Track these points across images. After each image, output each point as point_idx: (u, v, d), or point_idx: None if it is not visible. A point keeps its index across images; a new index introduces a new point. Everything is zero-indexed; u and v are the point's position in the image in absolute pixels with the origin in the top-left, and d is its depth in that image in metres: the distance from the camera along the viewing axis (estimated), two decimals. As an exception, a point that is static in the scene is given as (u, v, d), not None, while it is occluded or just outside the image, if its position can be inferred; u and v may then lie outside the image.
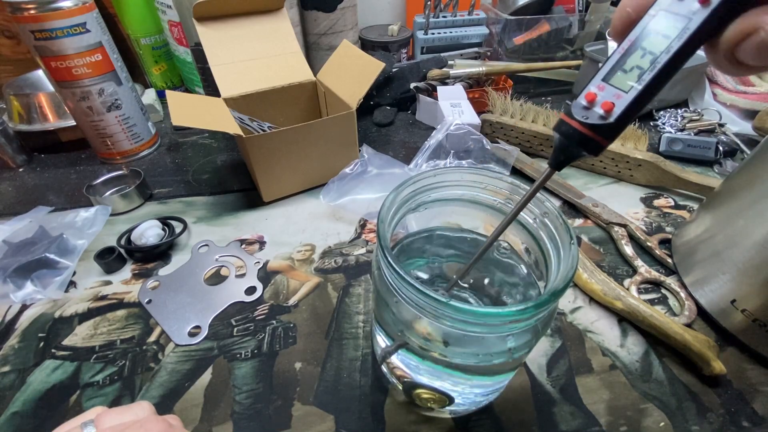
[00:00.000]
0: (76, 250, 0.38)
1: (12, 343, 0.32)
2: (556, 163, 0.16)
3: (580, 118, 0.15)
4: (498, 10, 0.72)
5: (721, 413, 0.27)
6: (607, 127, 0.14)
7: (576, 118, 0.15)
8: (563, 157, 0.16)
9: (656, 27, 0.13)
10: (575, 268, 0.18)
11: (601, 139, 0.15)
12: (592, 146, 0.15)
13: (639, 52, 0.14)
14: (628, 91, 0.14)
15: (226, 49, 0.46)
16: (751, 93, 0.56)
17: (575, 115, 0.15)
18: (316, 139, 0.43)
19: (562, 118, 0.16)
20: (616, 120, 0.14)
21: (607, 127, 0.14)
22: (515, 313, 0.16)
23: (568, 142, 0.15)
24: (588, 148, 0.15)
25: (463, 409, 0.26)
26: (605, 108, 0.14)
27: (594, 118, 0.14)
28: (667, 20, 0.13)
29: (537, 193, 0.18)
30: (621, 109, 0.14)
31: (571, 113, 0.15)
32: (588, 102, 0.15)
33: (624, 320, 0.33)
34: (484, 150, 0.46)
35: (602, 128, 0.14)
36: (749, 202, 0.30)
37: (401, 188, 0.21)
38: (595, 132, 0.15)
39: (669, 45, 0.13)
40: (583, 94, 0.15)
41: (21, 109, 0.53)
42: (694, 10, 0.12)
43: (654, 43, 0.13)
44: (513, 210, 0.18)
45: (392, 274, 0.18)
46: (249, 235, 0.41)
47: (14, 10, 0.41)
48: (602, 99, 0.14)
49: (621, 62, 0.14)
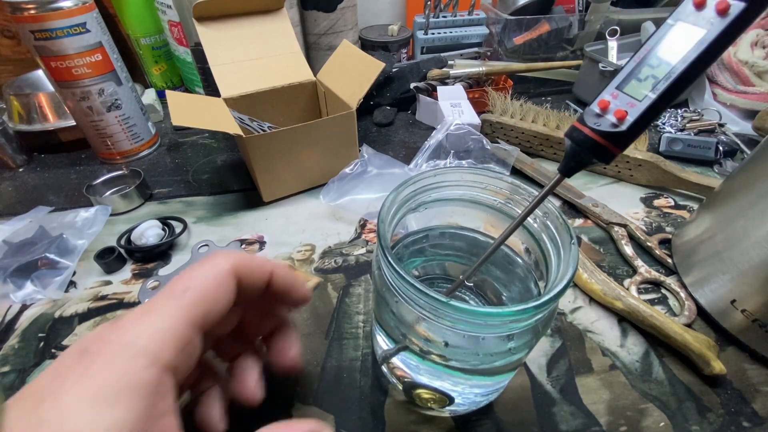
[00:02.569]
0: (76, 250, 0.38)
1: (12, 343, 0.32)
2: (567, 169, 0.16)
3: (592, 125, 0.15)
4: (498, 10, 0.72)
5: (721, 413, 0.27)
6: (619, 135, 0.14)
7: (588, 125, 0.15)
8: (574, 164, 0.16)
9: (673, 36, 0.13)
10: (575, 269, 0.18)
11: (613, 147, 0.15)
12: (603, 154, 0.15)
13: (655, 61, 0.14)
14: (642, 99, 0.14)
15: (226, 49, 0.46)
16: (751, 93, 0.56)
17: (587, 122, 0.15)
18: (316, 139, 0.43)
19: (574, 125, 0.16)
20: (628, 128, 0.14)
21: (619, 135, 0.14)
22: (515, 313, 0.16)
23: (580, 149, 0.15)
24: (599, 155, 0.15)
25: (463, 409, 0.26)
26: (618, 116, 0.14)
27: (606, 125, 0.15)
28: (685, 30, 0.13)
29: (546, 198, 0.18)
30: (634, 118, 0.14)
31: (584, 120, 0.15)
32: (601, 109, 0.15)
33: (624, 320, 0.33)
34: (484, 150, 0.46)
35: (614, 136, 0.14)
36: (749, 202, 0.30)
37: (401, 188, 0.21)
38: (607, 139, 0.15)
39: (686, 55, 0.13)
40: (597, 102, 0.15)
41: (21, 109, 0.53)
42: (713, 20, 0.12)
43: (670, 52, 0.13)
44: (521, 215, 0.18)
45: (392, 274, 0.18)
46: (249, 235, 0.41)
47: (14, 10, 0.41)
48: (615, 107, 0.14)
49: (636, 71, 0.14)
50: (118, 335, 0.15)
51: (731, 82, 0.59)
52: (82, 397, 0.13)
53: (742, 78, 0.58)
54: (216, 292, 0.17)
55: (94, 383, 0.14)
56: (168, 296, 0.17)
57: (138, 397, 0.14)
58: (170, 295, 0.17)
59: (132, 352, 0.15)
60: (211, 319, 0.17)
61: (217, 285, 0.18)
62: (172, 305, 0.16)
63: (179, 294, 0.17)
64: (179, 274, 0.18)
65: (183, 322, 0.16)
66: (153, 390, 0.15)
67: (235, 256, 0.19)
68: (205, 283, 0.17)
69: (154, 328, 0.16)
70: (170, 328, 0.16)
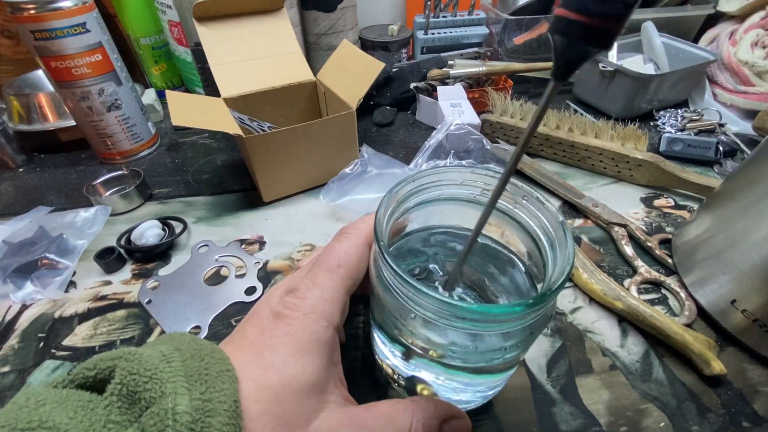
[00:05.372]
0: (76, 250, 0.38)
1: (12, 344, 0.32)
2: (561, 71, 0.14)
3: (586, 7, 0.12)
4: (498, 10, 0.72)
5: (721, 413, 0.27)
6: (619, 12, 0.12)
7: (577, 9, 0.12)
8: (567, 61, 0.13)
9: None
10: (572, 264, 0.18)
11: (613, 25, 0.12)
12: (600, 36, 0.12)
13: None
14: None
15: (226, 49, 0.46)
16: (751, 93, 0.56)
17: (580, 6, 0.12)
18: (316, 139, 0.43)
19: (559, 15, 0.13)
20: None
21: (619, 6, 0.12)
22: (512, 310, 0.16)
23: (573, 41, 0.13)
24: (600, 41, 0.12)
25: (463, 408, 0.26)
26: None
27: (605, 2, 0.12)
28: None
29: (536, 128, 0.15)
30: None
31: (573, 4, 0.12)
32: None
33: (624, 320, 0.33)
34: (484, 150, 0.46)
35: (614, 14, 0.12)
36: (749, 202, 0.30)
37: (399, 187, 0.21)
38: (605, 19, 0.12)
39: None
40: None
41: (21, 109, 0.53)
42: None
43: None
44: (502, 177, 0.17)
45: (389, 273, 0.18)
46: (249, 235, 0.41)
47: (14, 10, 0.41)
48: None
49: None
50: (300, 303, 0.19)
51: (731, 82, 0.59)
52: (290, 349, 0.18)
53: (742, 78, 0.58)
54: (359, 264, 0.22)
55: (297, 339, 0.18)
56: (326, 270, 0.21)
57: (325, 350, 0.19)
58: (327, 269, 0.21)
59: (315, 316, 0.19)
60: (356, 285, 0.22)
61: (359, 259, 0.22)
62: (332, 278, 0.20)
63: (335, 269, 0.21)
64: (327, 249, 0.22)
65: (341, 292, 0.21)
66: (332, 345, 0.19)
67: (363, 230, 0.23)
68: (352, 258, 0.21)
69: (324, 298, 0.20)
70: (334, 297, 0.20)
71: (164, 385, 0.14)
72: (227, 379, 0.16)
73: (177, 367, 0.15)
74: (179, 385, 0.15)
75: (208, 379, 0.15)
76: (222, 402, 0.15)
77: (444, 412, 0.20)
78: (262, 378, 0.17)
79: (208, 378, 0.15)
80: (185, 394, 0.14)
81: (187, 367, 0.16)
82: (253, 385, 0.17)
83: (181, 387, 0.15)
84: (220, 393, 0.15)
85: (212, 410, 0.14)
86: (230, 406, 0.15)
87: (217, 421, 0.14)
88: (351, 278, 0.21)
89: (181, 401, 0.14)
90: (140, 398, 0.14)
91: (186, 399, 0.14)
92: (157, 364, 0.15)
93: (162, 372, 0.15)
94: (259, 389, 0.17)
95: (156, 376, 0.15)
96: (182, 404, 0.14)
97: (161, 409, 0.14)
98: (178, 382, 0.15)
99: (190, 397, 0.14)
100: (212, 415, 0.14)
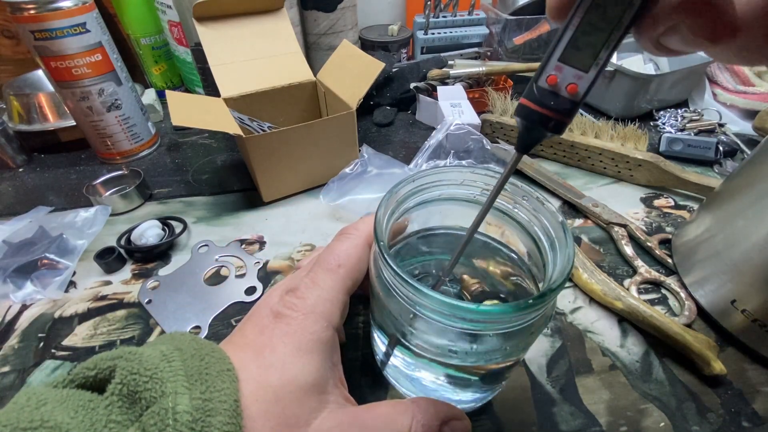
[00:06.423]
0: (76, 250, 0.38)
1: (12, 344, 0.32)
2: (524, 146, 0.17)
3: (547, 103, 0.15)
4: (498, 10, 0.72)
5: (721, 413, 0.27)
6: (571, 108, 0.15)
7: (541, 103, 0.15)
8: (530, 140, 0.16)
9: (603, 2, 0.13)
10: (572, 264, 0.18)
11: (566, 118, 0.15)
12: (559, 126, 0.15)
13: (588, 28, 0.14)
14: (588, 70, 0.15)
15: (226, 49, 0.46)
16: (751, 93, 0.56)
17: (541, 100, 0.15)
18: (316, 139, 0.43)
19: (523, 104, 0.16)
20: (580, 99, 0.15)
21: (572, 108, 0.15)
22: (512, 310, 0.16)
23: (534, 126, 0.16)
24: (554, 128, 0.16)
25: (462, 408, 0.26)
26: (571, 91, 0.15)
27: (559, 101, 0.15)
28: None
29: (509, 178, 0.18)
30: (584, 90, 0.15)
31: (535, 97, 0.15)
32: (551, 85, 0.15)
33: (624, 320, 0.33)
34: (484, 150, 0.46)
35: (567, 110, 0.15)
36: (749, 202, 0.30)
37: (399, 187, 0.21)
38: (560, 114, 0.15)
39: (621, 19, 0.13)
40: (545, 78, 0.15)
41: (21, 109, 0.53)
42: None
43: (605, 17, 0.14)
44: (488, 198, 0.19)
45: (389, 272, 0.18)
46: (249, 235, 0.41)
47: (14, 10, 0.41)
48: (565, 82, 0.15)
49: (574, 40, 0.14)
50: (300, 303, 0.19)
51: (731, 82, 0.59)
52: (290, 349, 0.18)
53: (742, 78, 0.58)
54: (360, 264, 0.22)
55: (296, 339, 0.18)
56: (326, 270, 0.21)
57: (325, 350, 0.19)
58: (328, 269, 0.21)
59: (315, 316, 0.19)
60: (356, 286, 0.22)
61: (359, 259, 0.22)
62: (332, 278, 0.20)
63: (335, 269, 0.21)
64: (327, 249, 0.22)
65: (341, 292, 0.21)
66: (331, 345, 0.19)
67: (364, 230, 0.23)
68: (352, 259, 0.21)
69: (324, 298, 0.20)
70: (334, 297, 0.20)
71: (164, 384, 0.15)
72: (227, 378, 0.16)
73: (177, 367, 0.15)
74: (179, 384, 0.15)
75: (208, 379, 0.15)
76: (222, 401, 0.15)
77: (444, 413, 0.20)
78: (262, 378, 0.17)
79: (208, 377, 0.16)
80: (185, 394, 0.14)
81: (187, 366, 0.16)
82: (253, 385, 0.17)
83: (182, 386, 0.15)
84: (221, 392, 0.15)
85: (212, 410, 0.14)
86: (230, 406, 0.15)
87: (217, 420, 0.14)
88: (351, 278, 0.21)
89: (181, 401, 0.14)
90: (141, 398, 0.14)
91: (186, 398, 0.14)
92: (158, 364, 0.15)
93: (162, 371, 0.15)
94: (259, 389, 0.17)
95: (156, 375, 0.15)
96: (183, 404, 0.14)
97: (162, 409, 0.14)
98: (178, 381, 0.15)
99: (190, 397, 0.14)
100: (212, 414, 0.14)
